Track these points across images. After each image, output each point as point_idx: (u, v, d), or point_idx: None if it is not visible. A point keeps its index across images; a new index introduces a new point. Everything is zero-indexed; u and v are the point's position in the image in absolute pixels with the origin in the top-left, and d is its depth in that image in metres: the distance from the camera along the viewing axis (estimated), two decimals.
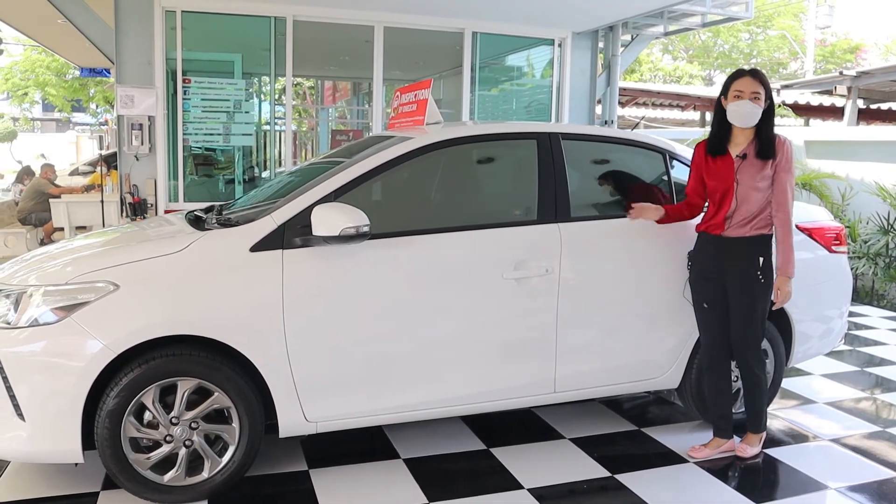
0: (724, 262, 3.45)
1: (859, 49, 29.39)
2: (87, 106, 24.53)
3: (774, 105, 3.39)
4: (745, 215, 3.38)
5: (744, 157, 3.38)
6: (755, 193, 3.35)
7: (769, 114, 3.36)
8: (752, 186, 3.34)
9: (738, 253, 3.41)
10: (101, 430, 2.87)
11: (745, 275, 3.40)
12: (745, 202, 3.37)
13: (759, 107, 3.31)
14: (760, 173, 3.33)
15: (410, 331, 3.26)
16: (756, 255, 3.38)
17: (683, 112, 17.28)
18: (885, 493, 3.32)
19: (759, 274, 3.37)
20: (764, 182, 3.34)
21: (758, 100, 3.31)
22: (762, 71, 3.44)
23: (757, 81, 3.32)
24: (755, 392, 3.57)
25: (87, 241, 3.58)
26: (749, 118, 3.33)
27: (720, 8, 8.56)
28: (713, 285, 3.51)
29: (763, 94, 3.32)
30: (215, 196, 7.57)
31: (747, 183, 3.35)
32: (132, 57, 7.01)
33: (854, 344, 5.90)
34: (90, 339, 2.82)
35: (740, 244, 3.40)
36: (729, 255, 3.44)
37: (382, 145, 3.46)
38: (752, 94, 3.31)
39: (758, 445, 3.65)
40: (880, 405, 4.49)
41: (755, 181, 3.34)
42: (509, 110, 9.24)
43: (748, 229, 3.38)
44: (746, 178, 3.36)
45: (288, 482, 3.26)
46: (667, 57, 30.50)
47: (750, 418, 3.65)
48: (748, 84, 3.33)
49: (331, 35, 8.40)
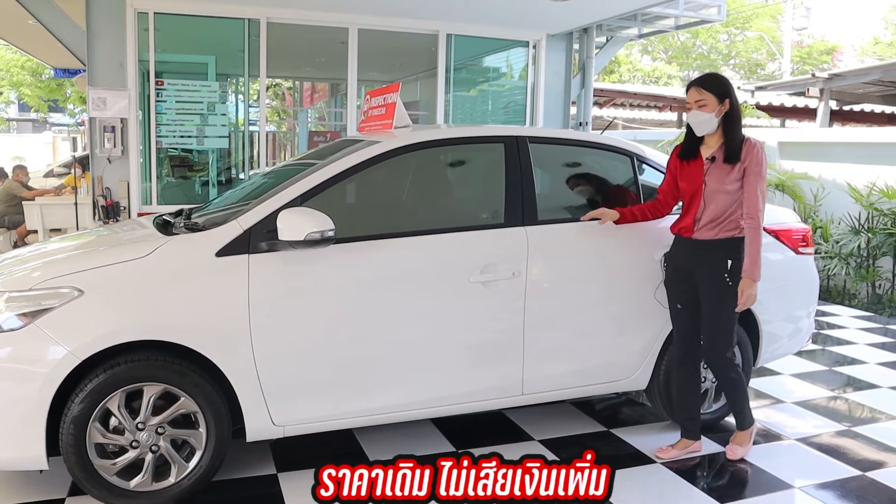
0: (694, 264, 3.50)
1: (836, 51, 29.75)
2: (65, 106, 24.27)
3: (738, 108, 3.42)
4: (713, 217, 3.41)
5: (712, 159, 3.43)
6: (723, 196, 3.39)
7: (731, 116, 3.39)
8: (720, 189, 3.38)
9: (707, 255, 3.45)
10: (66, 436, 2.85)
11: (714, 277, 3.43)
12: (713, 204, 3.41)
13: (707, 113, 3.36)
14: (728, 176, 3.37)
15: (378, 334, 3.27)
16: (724, 258, 3.41)
17: (661, 113, 17.41)
18: (850, 490, 3.37)
19: (727, 277, 3.40)
20: (733, 185, 3.37)
21: (704, 106, 3.37)
22: (714, 75, 3.49)
23: (699, 89, 3.38)
24: (733, 392, 3.62)
25: (59, 245, 3.56)
26: (700, 126, 3.40)
27: (693, 11, 8.64)
28: (686, 287, 3.55)
29: (711, 99, 3.36)
30: (190, 198, 7.52)
31: (715, 185, 3.39)
32: (104, 59, 6.94)
33: (825, 343, 5.98)
34: (54, 345, 2.80)
35: (709, 246, 3.44)
36: (698, 258, 3.48)
37: (350, 149, 3.46)
38: (696, 102, 3.39)
39: (748, 443, 3.67)
40: (849, 404, 4.56)
41: (723, 184, 3.38)
42: (484, 112, 9.27)
43: (717, 232, 3.42)
44: (714, 180, 3.40)
45: (256, 486, 3.25)
46: (646, 58, 30.70)
47: (737, 419, 3.70)
48: (691, 94, 3.41)
49: (305, 37, 8.37)
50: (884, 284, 7.57)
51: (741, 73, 31.08)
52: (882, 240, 7.32)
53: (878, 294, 7.53)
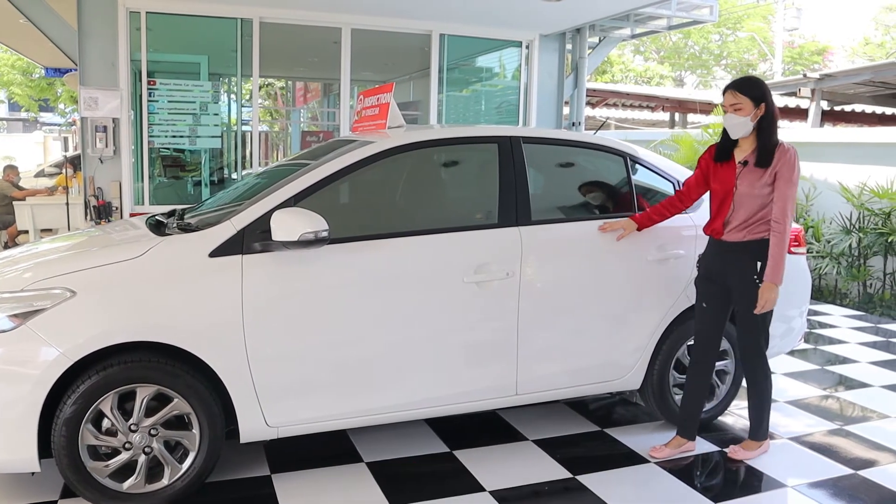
0: (724, 266, 3.53)
1: (826, 51, 29.89)
2: (55, 106, 24.14)
3: (774, 112, 3.40)
4: (742, 220, 3.44)
5: (745, 163, 3.44)
6: (753, 200, 3.40)
7: (766, 120, 3.38)
8: (751, 193, 3.40)
9: (737, 257, 3.47)
10: (58, 438, 2.83)
11: (744, 279, 3.45)
12: (742, 207, 3.43)
13: (742, 116, 3.36)
14: (759, 181, 3.38)
15: (372, 335, 3.26)
16: (754, 260, 3.42)
17: (653, 113, 17.46)
18: (842, 489, 3.38)
19: (757, 278, 3.41)
20: (763, 189, 3.38)
21: (739, 110, 3.37)
22: (751, 78, 3.47)
23: (735, 93, 3.39)
24: (759, 399, 3.63)
25: (51, 246, 3.54)
26: (735, 129, 3.42)
27: (685, 11, 8.67)
28: (714, 287, 3.58)
29: (747, 103, 3.36)
30: (182, 198, 7.50)
31: (745, 189, 3.41)
32: (96, 58, 6.92)
33: (817, 343, 6.01)
34: (46, 346, 2.78)
35: (738, 248, 3.46)
36: (728, 259, 3.51)
37: (343, 149, 3.46)
38: (731, 106, 3.40)
39: (754, 452, 3.68)
40: (841, 403, 4.58)
41: (754, 188, 3.39)
42: (477, 112, 9.27)
43: (745, 234, 3.44)
44: (745, 184, 3.42)
45: (250, 487, 3.24)
46: (638, 58, 30.77)
47: (753, 426, 3.70)
48: (727, 97, 3.42)
49: (298, 36, 8.36)
50: (875, 284, 7.61)
51: (733, 74, 31.19)
52: (873, 239, 7.36)
53: (869, 293, 7.57)
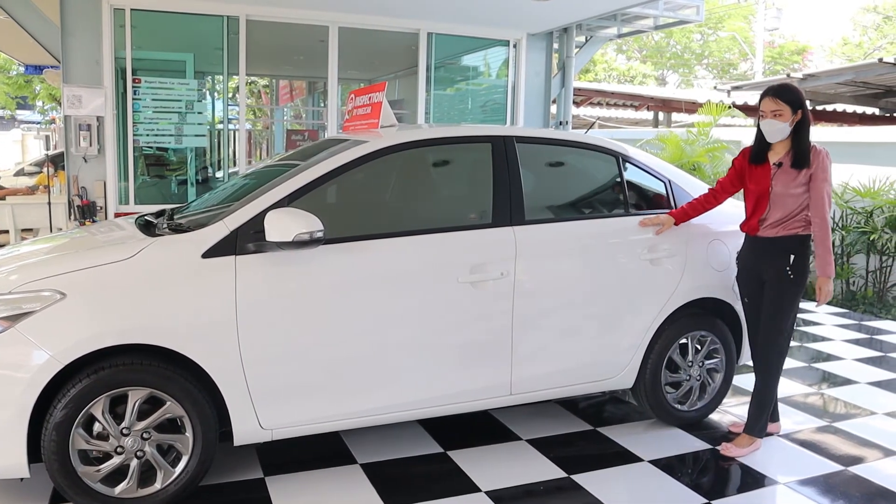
0: (760, 261, 3.68)
1: (806, 51, 30.22)
2: (34, 103, 23.81)
3: (808, 117, 3.54)
4: (778, 218, 3.59)
5: (780, 165, 3.57)
6: (789, 199, 3.54)
7: (802, 125, 3.52)
8: (786, 193, 3.54)
9: (772, 251, 3.62)
10: (49, 442, 2.79)
11: (776, 271, 3.59)
12: (778, 206, 3.57)
13: (783, 122, 3.50)
14: (795, 181, 3.52)
15: (366, 335, 3.24)
16: (787, 253, 3.57)
17: (637, 112, 17.55)
18: (832, 485, 3.42)
19: (789, 270, 3.55)
20: (798, 189, 3.52)
21: (779, 116, 3.50)
22: (788, 86, 3.58)
23: (776, 99, 3.51)
24: (762, 392, 3.72)
25: (34, 248, 3.48)
26: (773, 134, 3.55)
27: (672, 11, 8.71)
28: (753, 283, 3.74)
29: (786, 109, 3.49)
30: (167, 198, 7.43)
31: (781, 189, 3.56)
32: (79, 56, 6.82)
33: (802, 340, 6.06)
34: (36, 349, 2.74)
35: (773, 243, 3.61)
36: (764, 254, 3.66)
37: (336, 149, 3.44)
38: (772, 112, 3.52)
39: (746, 449, 3.71)
40: (827, 400, 4.62)
41: (789, 188, 3.53)
42: (465, 110, 9.26)
43: (780, 230, 3.59)
44: (781, 184, 3.56)
45: (243, 490, 3.21)
46: (621, 57, 30.93)
47: (750, 420, 3.76)
48: (767, 104, 3.54)
49: (285, 35, 8.31)
50: (858, 281, 7.69)
51: (714, 73, 31.45)
52: (856, 238, 7.44)
53: (852, 291, 7.65)
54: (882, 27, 30.00)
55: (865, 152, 7.89)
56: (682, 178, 4.16)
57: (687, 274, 3.89)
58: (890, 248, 7.23)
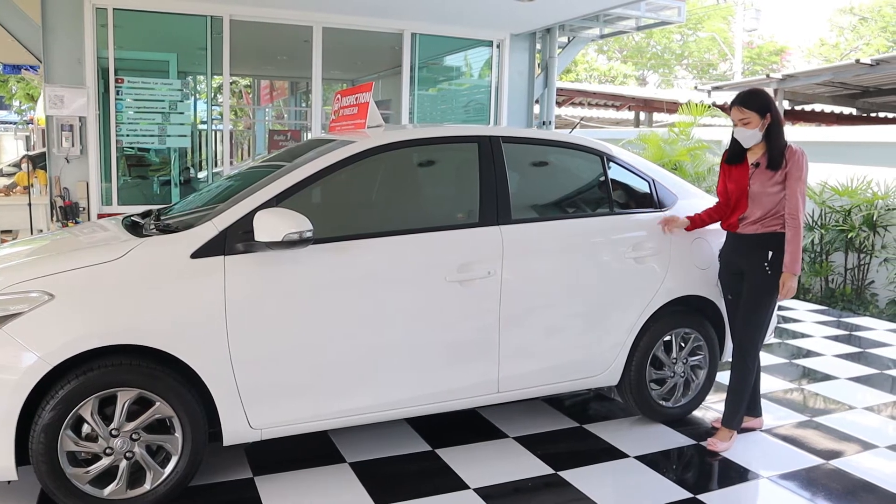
0: (740, 257, 3.76)
1: (784, 51, 30.55)
2: (10, 103, 23.51)
3: (779, 118, 3.63)
4: (758, 216, 3.67)
5: (757, 165, 3.66)
6: (766, 198, 3.63)
7: (773, 128, 3.60)
8: (763, 192, 3.63)
9: (750, 247, 3.70)
10: (37, 444, 2.78)
11: (754, 266, 3.68)
12: (757, 205, 3.66)
13: (751, 129, 3.60)
14: (771, 180, 3.61)
15: (355, 335, 3.26)
16: (766, 250, 3.65)
17: (618, 112, 17.66)
18: (813, 479, 3.48)
19: (767, 266, 3.63)
20: (774, 188, 3.61)
21: (748, 124, 3.60)
22: (753, 92, 3.64)
23: (741, 108, 3.61)
24: (739, 387, 3.79)
25: (14, 250, 3.45)
26: (746, 140, 3.66)
27: (654, 12, 8.79)
28: (734, 279, 3.82)
29: (753, 116, 3.57)
30: (150, 198, 7.39)
31: (758, 189, 3.65)
32: (61, 55, 6.77)
33: (783, 337, 6.15)
34: (24, 351, 2.73)
35: (752, 240, 3.70)
36: (743, 250, 3.75)
37: (324, 149, 3.45)
38: (740, 121, 3.63)
39: (728, 441, 3.79)
40: (808, 395, 4.70)
41: (766, 187, 3.62)
42: (448, 110, 9.29)
43: (758, 227, 3.67)
44: (758, 184, 3.65)
45: (233, 490, 3.21)
46: (601, 57, 31.09)
47: (727, 414, 3.83)
48: (734, 113, 3.65)
49: (269, 35, 8.29)
50: (836, 279, 7.81)
51: (694, 73, 31.71)
52: (834, 236, 7.56)
53: (831, 288, 7.77)
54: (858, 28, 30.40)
55: (843, 152, 8.02)
56: (665, 178, 4.21)
57: (671, 272, 3.94)
58: (867, 246, 7.35)
